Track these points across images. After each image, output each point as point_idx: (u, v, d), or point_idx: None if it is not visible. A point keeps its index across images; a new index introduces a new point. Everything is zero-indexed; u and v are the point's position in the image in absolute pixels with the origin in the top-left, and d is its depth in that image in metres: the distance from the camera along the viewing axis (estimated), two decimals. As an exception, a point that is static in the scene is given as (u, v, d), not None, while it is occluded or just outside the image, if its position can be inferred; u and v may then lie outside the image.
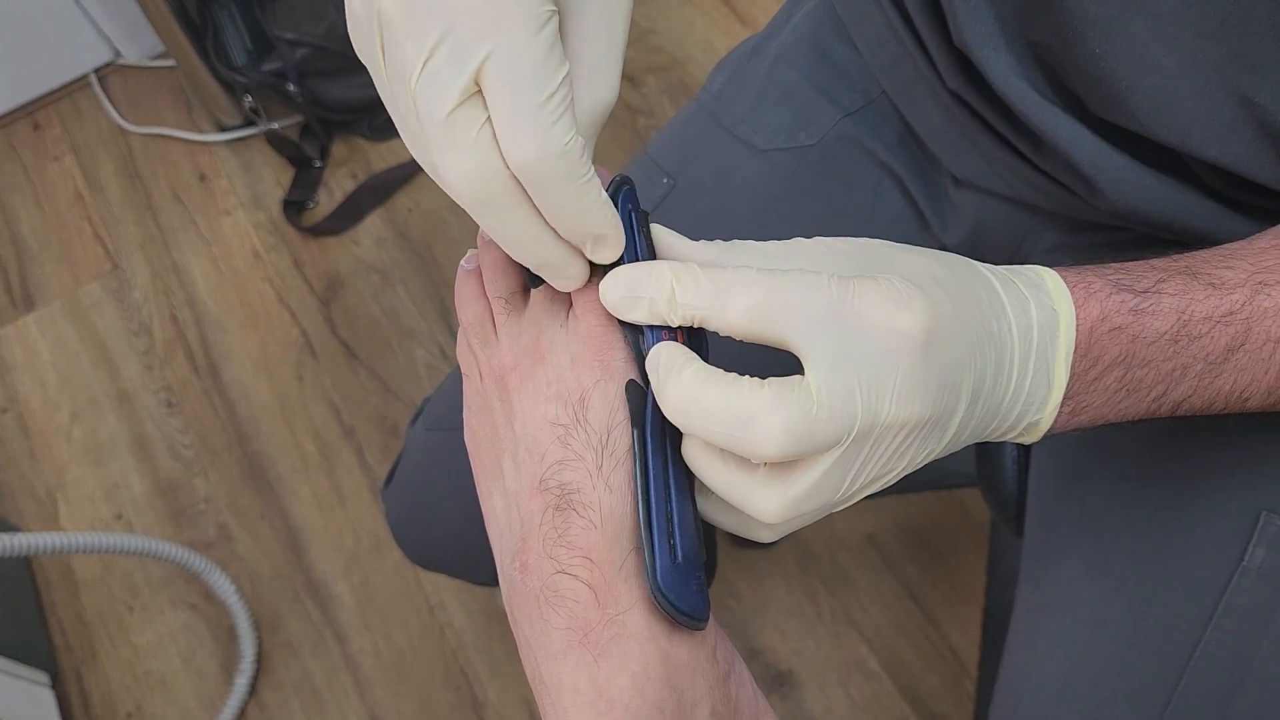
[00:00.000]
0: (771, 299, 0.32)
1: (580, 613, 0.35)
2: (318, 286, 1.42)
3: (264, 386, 1.35)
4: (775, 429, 0.31)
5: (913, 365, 0.32)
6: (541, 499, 0.37)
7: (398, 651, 1.16)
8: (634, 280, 0.35)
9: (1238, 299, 0.38)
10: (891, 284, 0.33)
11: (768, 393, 0.32)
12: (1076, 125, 0.49)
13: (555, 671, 0.35)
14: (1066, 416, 0.38)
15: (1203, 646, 0.49)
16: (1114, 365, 0.37)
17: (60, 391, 1.38)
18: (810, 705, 1.07)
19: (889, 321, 0.32)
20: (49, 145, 1.60)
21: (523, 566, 0.37)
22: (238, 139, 1.55)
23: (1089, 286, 0.38)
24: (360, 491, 1.26)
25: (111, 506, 1.29)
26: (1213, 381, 0.39)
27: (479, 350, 0.42)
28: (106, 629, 1.22)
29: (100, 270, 1.48)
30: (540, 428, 0.38)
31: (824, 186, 0.63)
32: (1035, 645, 0.54)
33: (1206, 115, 0.45)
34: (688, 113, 0.68)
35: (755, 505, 0.34)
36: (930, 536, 1.15)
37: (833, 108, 0.63)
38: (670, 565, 0.35)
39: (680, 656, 0.36)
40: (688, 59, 1.54)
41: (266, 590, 1.21)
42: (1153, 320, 0.37)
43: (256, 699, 1.16)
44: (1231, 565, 0.49)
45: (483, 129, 0.33)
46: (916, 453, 0.34)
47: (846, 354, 0.31)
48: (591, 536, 0.36)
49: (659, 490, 0.36)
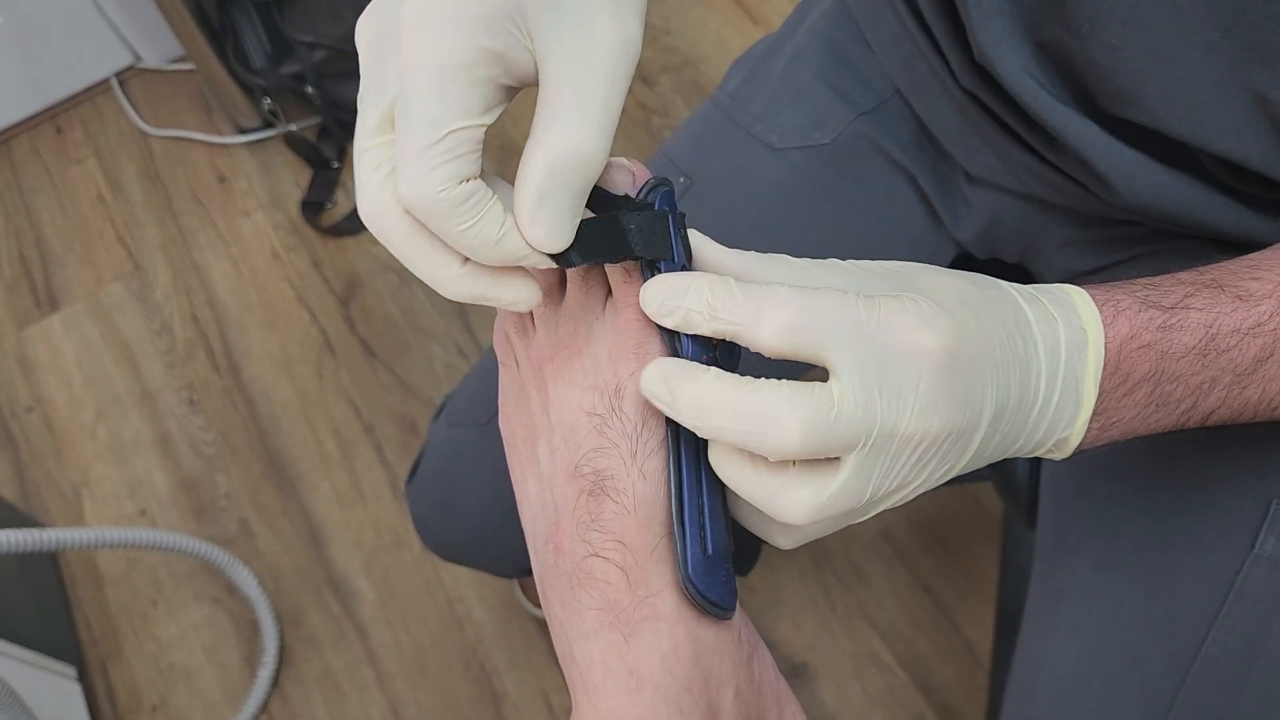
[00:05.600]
0: (803, 317, 0.33)
1: (612, 594, 0.36)
2: (336, 286, 1.44)
3: (284, 385, 1.37)
4: (793, 424, 0.32)
5: (934, 380, 0.33)
6: (576, 484, 0.38)
7: (418, 645, 1.18)
8: (673, 290, 0.35)
9: (1265, 310, 0.38)
10: (917, 303, 0.34)
11: (786, 390, 0.32)
12: (1088, 123, 0.50)
13: (586, 650, 0.37)
14: (1096, 432, 0.38)
15: (1214, 634, 0.49)
16: (1144, 381, 0.38)
17: (84, 390, 1.40)
18: (825, 698, 1.09)
19: (913, 338, 0.33)
20: (71, 148, 1.62)
21: (556, 549, 0.38)
22: (256, 141, 1.57)
23: (1117, 304, 0.38)
24: (380, 488, 1.28)
25: (135, 503, 1.31)
26: (1241, 392, 0.39)
27: (515, 339, 0.43)
28: (131, 623, 1.24)
29: (122, 271, 1.50)
30: (576, 416, 0.39)
31: (839, 185, 0.64)
32: (1049, 636, 0.55)
33: (1220, 109, 0.45)
34: (704, 112, 0.69)
35: (781, 507, 0.34)
36: (943, 530, 1.16)
37: (847, 107, 0.64)
38: (701, 557, 0.36)
39: (708, 638, 0.37)
40: (701, 58, 1.55)
41: (288, 585, 1.23)
42: (1181, 336, 0.38)
43: (279, 692, 1.18)
44: (1242, 554, 0.50)
45: (389, 169, 0.34)
46: (937, 467, 0.35)
47: (870, 366, 0.32)
48: (624, 521, 0.37)
49: (692, 483, 0.37)
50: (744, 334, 0.34)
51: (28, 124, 1.64)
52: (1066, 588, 0.55)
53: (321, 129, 1.55)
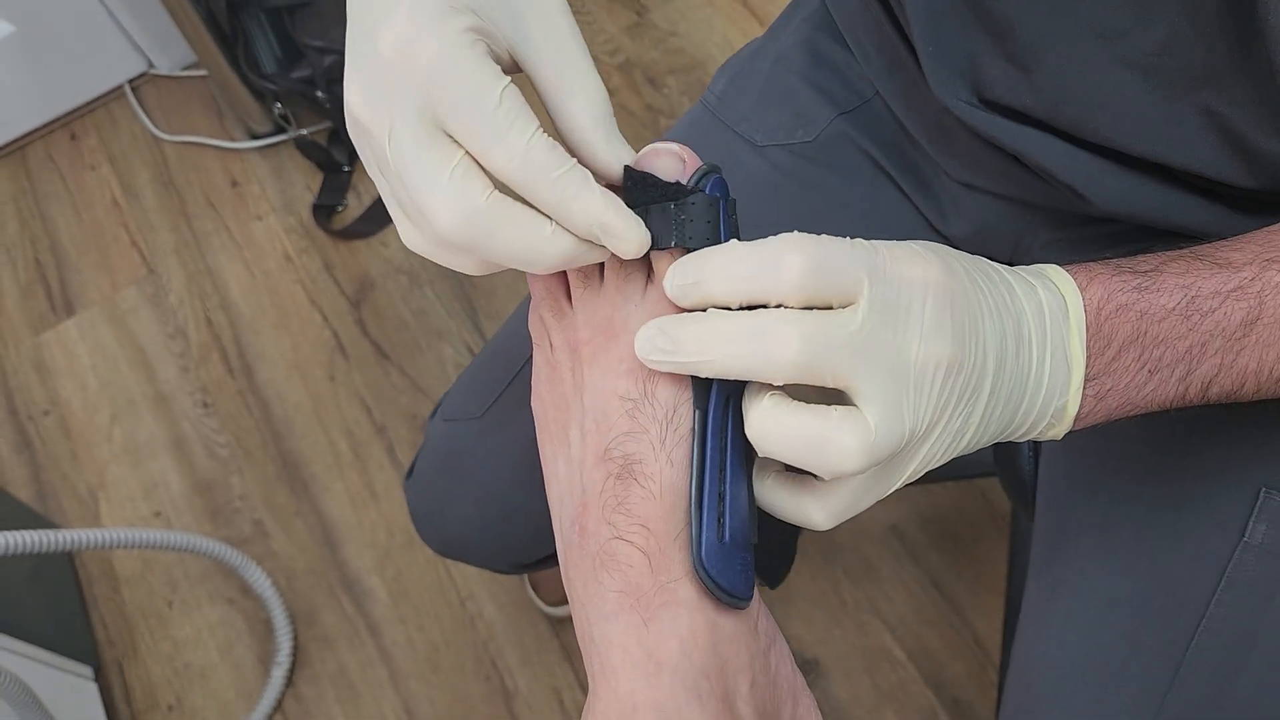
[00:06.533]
0: (819, 254, 0.34)
1: (634, 577, 0.37)
2: (348, 288, 1.45)
3: (297, 386, 1.38)
4: (792, 336, 0.33)
5: (937, 305, 0.34)
6: (604, 467, 0.39)
7: (430, 643, 1.19)
8: (686, 269, 0.36)
9: (1246, 275, 0.39)
10: (910, 246, 0.36)
11: (781, 310, 0.34)
12: (1049, 139, 0.51)
13: (606, 632, 0.37)
14: (1093, 401, 0.39)
15: (1206, 621, 0.50)
16: (1129, 344, 0.38)
17: (100, 394, 1.42)
18: (836, 693, 1.09)
19: (914, 270, 0.35)
20: (86, 155, 1.64)
21: (581, 530, 0.39)
22: (268, 145, 1.59)
23: (1090, 271, 0.39)
24: (392, 488, 1.29)
25: (150, 505, 1.32)
26: (1235, 359, 0.39)
27: (551, 321, 0.43)
28: (147, 623, 1.25)
29: (137, 275, 1.51)
30: (609, 400, 0.40)
31: (823, 181, 0.64)
32: (1047, 627, 0.55)
33: (1170, 126, 0.46)
34: (693, 114, 0.71)
35: (832, 454, 0.34)
36: (952, 526, 1.16)
37: (829, 106, 0.65)
38: (716, 542, 0.37)
39: (726, 627, 0.38)
40: (708, 60, 1.56)
41: (301, 585, 1.24)
42: (1157, 297, 0.39)
43: (293, 690, 1.19)
44: (1233, 541, 0.50)
45: (459, 163, 0.35)
46: (958, 406, 0.36)
47: (886, 296, 0.34)
48: (650, 506, 0.38)
49: (714, 470, 0.38)
50: (765, 286, 0.34)
51: (43, 131, 1.66)
52: (1064, 579, 0.56)
53: (332, 133, 1.56)
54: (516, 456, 0.66)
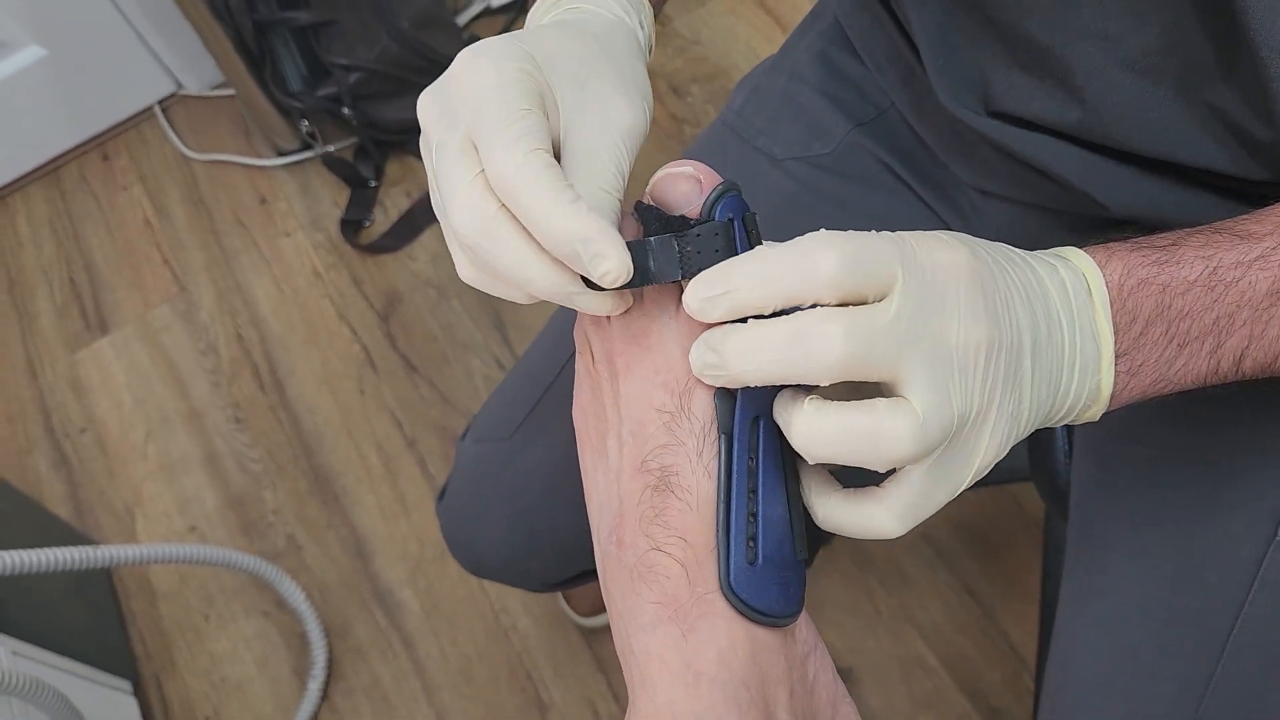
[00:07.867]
0: (851, 249, 0.34)
1: (671, 589, 0.37)
2: (376, 303, 1.46)
3: (327, 401, 1.39)
4: (835, 332, 0.33)
5: (970, 289, 0.35)
6: (642, 479, 0.39)
7: (464, 656, 1.19)
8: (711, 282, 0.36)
9: (1269, 244, 0.39)
10: (936, 234, 0.36)
11: (822, 310, 0.34)
12: (1062, 145, 0.51)
13: (645, 643, 0.37)
14: (1126, 377, 0.39)
15: (1240, 623, 0.49)
16: (1155, 319, 0.38)
17: (135, 411, 1.43)
18: (871, 701, 1.08)
19: (943, 257, 0.35)
20: (118, 175, 1.67)
21: (619, 541, 0.39)
22: (295, 162, 1.60)
23: (1108, 249, 0.39)
24: (423, 501, 1.29)
25: (185, 520, 1.34)
26: (1265, 329, 0.39)
27: (591, 331, 0.44)
28: (184, 637, 1.26)
29: (169, 294, 1.53)
30: (646, 412, 0.40)
31: (842, 191, 0.65)
32: (1080, 633, 0.55)
33: (1177, 123, 0.46)
34: (712, 129, 0.72)
35: (886, 443, 0.34)
36: (985, 532, 1.15)
37: (845, 119, 0.65)
38: (745, 565, 0.37)
39: (764, 637, 0.38)
40: (732, 68, 1.56)
41: (335, 598, 1.25)
42: (1178, 269, 0.38)
43: (329, 703, 1.19)
44: (1265, 542, 0.50)
45: (481, 173, 0.37)
46: (1004, 388, 0.35)
47: (921, 284, 0.34)
48: (688, 518, 0.38)
49: (740, 495, 0.38)
50: (800, 286, 0.34)
51: (76, 152, 1.69)
52: (1096, 585, 0.55)
53: (358, 149, 1.57)
54: (545, 476, 0.66)
